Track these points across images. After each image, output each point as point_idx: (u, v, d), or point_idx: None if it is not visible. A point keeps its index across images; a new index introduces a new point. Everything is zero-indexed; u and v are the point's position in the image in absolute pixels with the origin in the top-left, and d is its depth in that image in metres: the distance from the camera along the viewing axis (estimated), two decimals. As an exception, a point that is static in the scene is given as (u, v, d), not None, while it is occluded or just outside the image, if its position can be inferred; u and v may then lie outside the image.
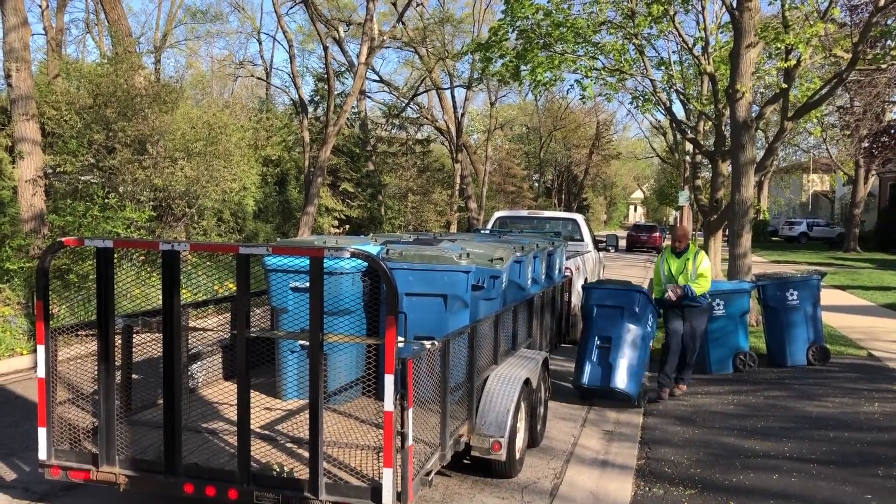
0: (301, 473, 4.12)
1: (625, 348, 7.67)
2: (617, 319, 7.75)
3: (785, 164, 49.19)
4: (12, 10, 11.72)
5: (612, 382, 7.59)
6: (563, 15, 15.41)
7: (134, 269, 11.52)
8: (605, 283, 8.40)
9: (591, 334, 7.87)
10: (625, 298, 7.81)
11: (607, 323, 7.79)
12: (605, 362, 7.67)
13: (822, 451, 6.06)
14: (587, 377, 7.78)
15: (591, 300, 7.99)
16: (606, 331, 7.76)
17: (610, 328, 7.75)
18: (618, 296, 7.86)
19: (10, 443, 6.18)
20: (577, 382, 7.90)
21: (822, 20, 12.03)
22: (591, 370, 7.76)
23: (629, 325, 7.72)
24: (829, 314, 13.43)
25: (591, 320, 7.93)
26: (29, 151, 11.61)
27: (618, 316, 7.76)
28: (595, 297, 8.00)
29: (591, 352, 7.79)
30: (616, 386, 7.58)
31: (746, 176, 11.74)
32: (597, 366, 7.73)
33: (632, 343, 7.69)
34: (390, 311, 3.83)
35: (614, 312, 7.78)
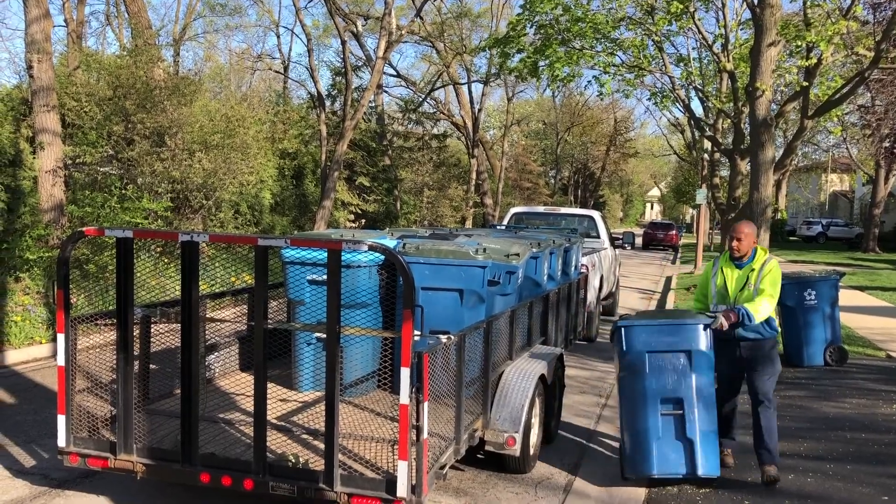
0: (316, 465, 4.14)
1: (703, 412, 5.25)
2: (684, 370, 5.27)
3: (804, 164, 48.79)
4: (35, 3, 11.80)
5: (700, 469, 5.19)
6: (582, 10, 15.38)
7: (151, 260, 11.62)
8: (654, 317, 5.84)
9: (647, 398, 5.28)
10: (688, 335, 5.29)
11: (670, 377, 5.29)
12: (682, 436, 5.23)
13: (839, 452, 6.02)
14: (657, 464, 5.23)
15: (638, 344, 5.35)
16: (673, 389, 5.27)
17: (678, 385, 5.26)
18: (679, 333, 5.32)
19: (30, 430, 6.26)
20: (635, 472, 5.34)
21: (844, 18, 11.93)
22: (661, 452, 5.23)
23: (700, 377, 5.27)
24: (847, 315, 13.32)
25: (642, 376, 5.31)
26: (49, 142, 11.70)
27: (685, 364, 5.28)
28: (642, 339, 5.35)
29: (655, 425, 5.26)
30: (708, 473, 5.22)
31: (765, 175, 11.68)
32: (670, 444, 5.25)
33: (707, 401, 5.29)
34: (407, 304, 3.84)
35: (677, 359, 5.29)
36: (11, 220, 11.53)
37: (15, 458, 5.63)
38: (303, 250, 5.15)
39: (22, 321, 9.42)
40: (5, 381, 7.96)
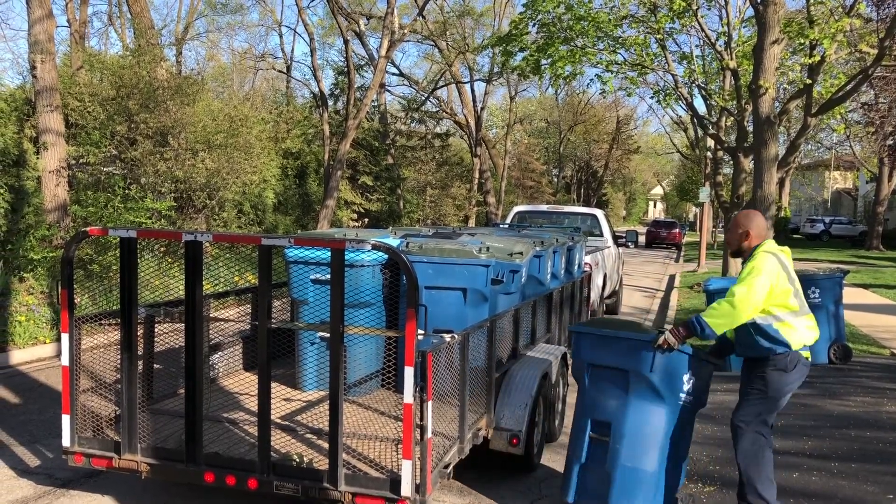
0: (320, 464, 4.15)
1: (634, 445, 4.41)
2: (618, 391, 4.49)
3: (807, 161, 48.70)
4: (38, 3, 11.82)
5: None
6: (584, 9, 15.37)
7: (155, 260, 11.64)
8: (602, 325, 4.90)
9: (581, 415, 4.70)
10: (627, 351, 4.42)
11: (603, 396, 4.57)
12: (601, 466, 4.49)
13: (844, 450, 6.01)
14: (573, 492, 4.59)
15: (582, 353, 4.70)
16: (605, 411, 4.54)
17: (607, 406, 4.53)
18: (617, 347, 4.48)
19: (34, 429, 6.27)
20: (562, 494, 4.67)
21: (847, 15, 11.91)
22: (581, 480, 4.59)
23: (640, 404, 4.41)
24: (851, 313, 13.30)
25: (582, 390, 4.75)
26: (53, 142, 11.72)
27: (619, 385, 4.48)
28: (587, 348, 4.67)
29: (581, 446, 4.62)
30: None
31: (769, 172, 11.66)
32: (587, 471, 4.57)
33: (648, 436, 4.42)
34: (410, 303, 3.84)
35: (615, 378, 4.51)
36: (15, 220, 11.57)
37: (19, 457, 5.64)
38: (306, 250, 5.15)
39: (26, 321, 9.44)
40: (10, 380, 7.98)
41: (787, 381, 4.38)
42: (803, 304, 4.43)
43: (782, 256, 4.38)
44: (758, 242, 4.47)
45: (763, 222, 4.54)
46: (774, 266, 4.27)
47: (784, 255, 4.43)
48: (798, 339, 4.35)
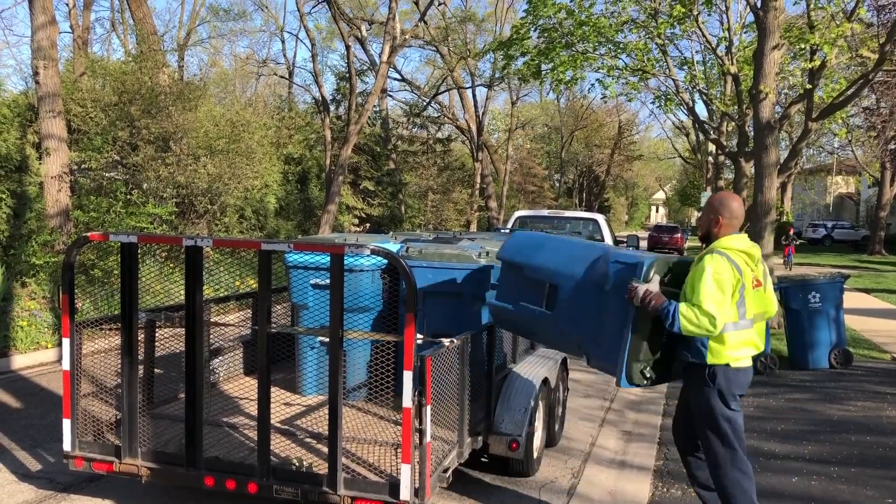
0: (320, 468, 4.16)
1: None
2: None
3: (809, 166, 48.68)
4: (41, 9, 11.88)
5: None
6: (585, 14, 15.39)
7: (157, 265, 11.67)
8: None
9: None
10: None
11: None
12: None
13: (844, 455, 6.01)
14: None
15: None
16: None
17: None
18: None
19: (36, 434, 6.28)
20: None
21: (848, 20, 11.91)
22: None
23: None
24: (852, 317, 13.30)
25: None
26: (55, 148, 11.77)
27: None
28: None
29: None
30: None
31: (769, 177, 11.66)
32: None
33: None
34: (409, 308, 3.86)
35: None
36: (18, 225, 11.60)
37: (21, 462, 5.65)
38: (306, 255, 5.17)
39: (28, 326, 9.46)
40: (12, 385, 8.00)
41: (710, 394, 4.02)
42: (749, 317, 4.00)
43: (735, 259, 3.91)
44: (726, 232, 4.02)
45: (738, 210, 4.06)
46: (728, 271, 3.85)
47: (741, 257, 3.94)
48: (723, 353, 3.95)
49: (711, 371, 3.97)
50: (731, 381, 3.98)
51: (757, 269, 4.02)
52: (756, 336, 4.05)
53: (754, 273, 4.00)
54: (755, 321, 4.03)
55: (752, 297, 3.98)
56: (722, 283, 3.82)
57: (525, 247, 4.63)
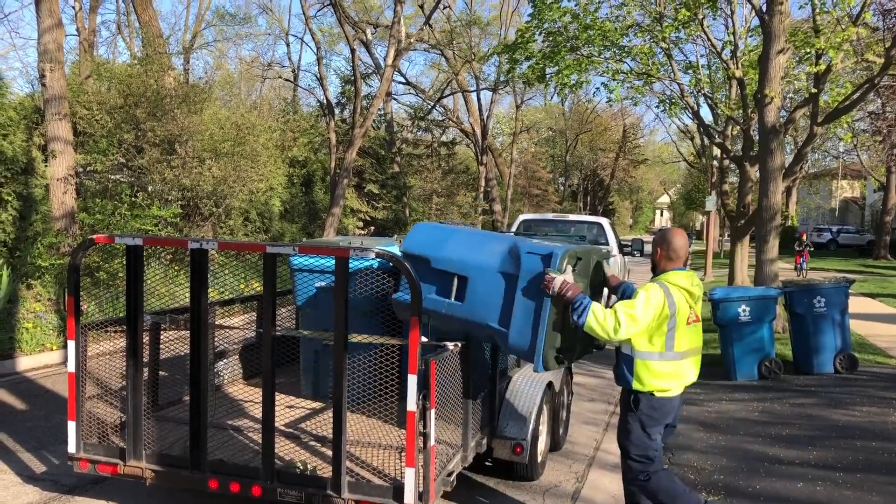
0: (324, 471, 4.16)
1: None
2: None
3: (814, 170, 48.56)
4: (47, 13, 11.92)
5: None
6: (590, 18, 15.39)
7: (162, 268, 11.69)
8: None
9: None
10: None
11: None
12: None
13: (849, 460, 5.99)
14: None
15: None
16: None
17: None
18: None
19: (41, 436, 6.30)
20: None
21: (853, 25, 11.88)
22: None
23: None
24: (857, 322, 13.26)
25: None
26: (61, 150, 11.80)
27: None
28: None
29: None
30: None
31: (774, 182, 11.63)
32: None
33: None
34: (414, 311, 3.86)
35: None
36: (23, 227, 11.63)
37: (26, 463, 5.66)
38: (311, 258, 5.17)
39: (33, 328, 9.49)
40: (17, 387, 8.02)
41: (629, 416, 4.22)
42: (679, 350, 4.13)
43: (673, 293, 4.07)
44: (668, 266, 4.22)
45: (679, 245, 4.21)
46: (658, 301, 4.01)
47: (682, 293, 4.11)
48: (648, 382, 4.13)
49: (636, 397, 4.17)
50: (654, 409, 4.16)
51: (696, 306, 4.21)
52: (688, 368, 4.21)
53: (693, 310, 4.18)
54: (686, 356, 4.17)
55: (685, 332, 4.12)
56: (648, 307, 3.98)
57: (431, 239, 4.61)
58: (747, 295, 9.21)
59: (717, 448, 6.44)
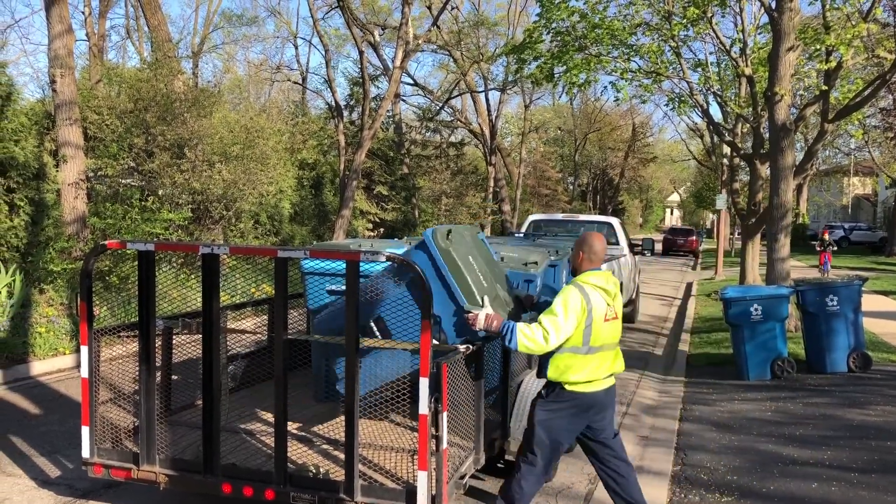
0: (337, 475, 4.17)
1: None
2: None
3: (825, 167, 48.30)
4: (58, 18, 12.00)
5: None
6: (598, 17, 15.35)
7: (173, 272, 11.73)
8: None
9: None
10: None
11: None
12: None
13: (864, 460, 5.95)
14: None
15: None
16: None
17: None
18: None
19: (55, 440, 6.33)
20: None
21: (864, 21, 11.80)
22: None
23: None
24: (871, 320, 13.17)
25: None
26: (72, 155, 11.87)
27: None
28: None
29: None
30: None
31: (785, 180, 11.56)
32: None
33: None
34: (425, 315, 3.86)
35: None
36: (35, 232, 11.70)
37: (40, 468, 5.70)
38: (322, 261, 5.17)
39: (46, 332, 9.54)
40: (31, 391, 8.07)
41: (548, 413, 4.43)
42: (594, 345, 4.33)
43: (591, 294, 4.30)
44: (587, 268, 4.43)
45: (598, 248, 4.42)
46: (577, 303, 4.24)
47: (598, 291, 4.34)
48: (563, 374, 4.36)
49: (550, 386, 4.44)
50: (565, 401, 4.39)
51: (614, 303, 4.43)
52: (602, 362, 4.40)
53: (612, 306, 4.40)
54: (600, 350, 4.38)
55: (600, 328, 4.33)
56: (567, 309, 4.22)
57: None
58: (759, 294, 9.17)
59: (730, 448, 6.41)
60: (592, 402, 4.42)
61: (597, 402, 4.44)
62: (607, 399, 4.51)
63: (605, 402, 4.50)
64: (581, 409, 4.42)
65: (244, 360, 6.00)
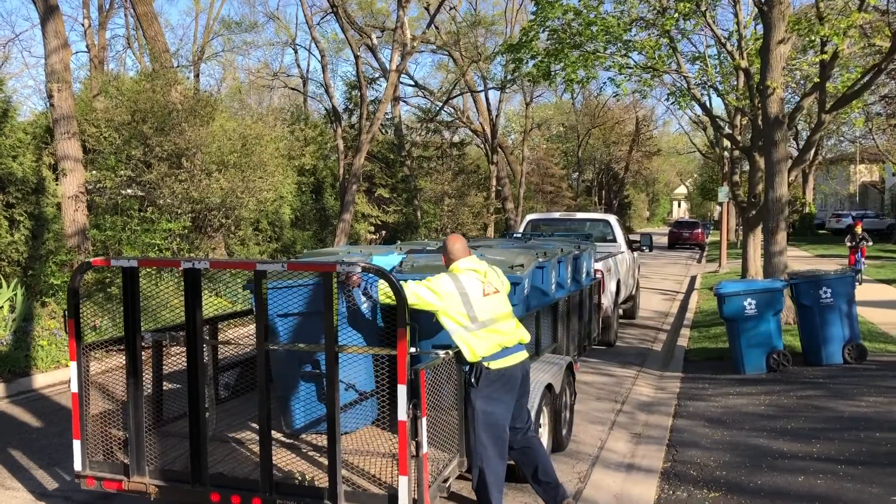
0: (321, 481, 4.24)
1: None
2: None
3: (831, 155, 48.07)
4: (53, 34, 12.13)
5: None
6: (593, 13, 15.36)
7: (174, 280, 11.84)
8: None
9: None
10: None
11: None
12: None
13: (852, 452, 5.98)
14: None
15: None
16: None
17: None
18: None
19: (53, 452, 6.44)
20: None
21: (858, 11, 11.78)
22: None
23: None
24: (871, 310, 13.18)
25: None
26: (71, 169, 12.00)
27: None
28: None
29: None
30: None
31: (780, 174, 11.57)
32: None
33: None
34: (400, 323, 3.93)
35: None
36: (36, 246, 11.83)
37: (38, 480, 5.80)
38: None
39: (48, 345, 9.66)
40: (32, 404, 8.18)
41: (471, 392, 4.67)
42: (482, 319, 4.68)
43: (462, 277, 4.76)
44: (452, 261, 4.91)
45: (456, 247, 4.92)
46: (448, 285, 4.68)
47: (468, 273, 4.80)
48: (469, 352, 4.65)
49: (470, 368, 4.68)
50: (482, 376, 4.65)
51: (486, 279, 4.84)
52: (499, 333, 4.73)
53: (484, 283, 4.79)
54: (493, 322, 4.72)
55: (483, 303, 4.71)
56: (433, 290, 4.61)
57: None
58: (752, 288, 9.20)
59: (722, 443, 6.45)
60: (502, 376, 4.70)
61: (512, 378, 4.77)
62: (519, 376, 4.84)
63: (520, 380, 4.85)
64: (500, 383, 4.71)
65: (236, 370, 6.08)
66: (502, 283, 5.06)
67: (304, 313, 4.95)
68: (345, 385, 4.74)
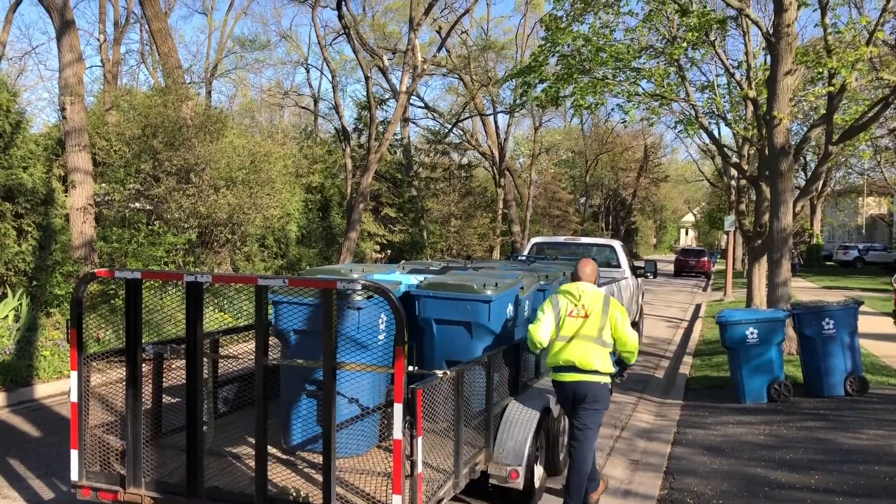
0: (316, 498, 4.24)
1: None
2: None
3: (839, 187, 48.04)
4: (68, 48, 12.29)
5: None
6: (604, 40, 15.48)
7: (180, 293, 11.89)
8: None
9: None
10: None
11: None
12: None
13: (850, 484, 5.95)
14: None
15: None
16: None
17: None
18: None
19: (52, 462, 6.45)
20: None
21: (866, 45, 11.85)
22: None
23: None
24: (875, 343, 13.13)
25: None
26: (81, 181, 12.10)
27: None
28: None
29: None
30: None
31: (785, 204, 11.58)
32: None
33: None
34: (398, 341, 3.96)
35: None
36: (43, 256, 11.90)
37: (35, 490, 5.81)
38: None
39: (51, 355, 9.69)
40: (33, 414, 8.21)
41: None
42: (563, 334, 5.50)
43: (559, 297, 5.67)
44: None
45: (587, 271, 5.76)
46: (546, 305, 5.66)
47: (565, 296, 5.64)
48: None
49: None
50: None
51: (579, 302, 5.50)
52: (569, 351, 5.41)
53: (576, 306, 5.49)
54: (570, 339, 5.42)
55: (565, 323, 5.47)
56: (540, 311, 5.61)
57: None
58: (755, 317, 9.18)
59: (720, 472, 6.43)
60: (562, 393, 5.58)
61: (562, 393, 5.59)
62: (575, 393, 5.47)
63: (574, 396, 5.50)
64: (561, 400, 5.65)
65: (236, 384, 6.11)
66: (602, 306, 5.56)
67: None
68: (358, 407, 4.79)
